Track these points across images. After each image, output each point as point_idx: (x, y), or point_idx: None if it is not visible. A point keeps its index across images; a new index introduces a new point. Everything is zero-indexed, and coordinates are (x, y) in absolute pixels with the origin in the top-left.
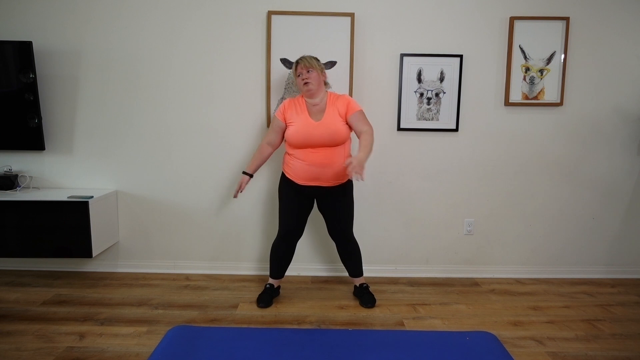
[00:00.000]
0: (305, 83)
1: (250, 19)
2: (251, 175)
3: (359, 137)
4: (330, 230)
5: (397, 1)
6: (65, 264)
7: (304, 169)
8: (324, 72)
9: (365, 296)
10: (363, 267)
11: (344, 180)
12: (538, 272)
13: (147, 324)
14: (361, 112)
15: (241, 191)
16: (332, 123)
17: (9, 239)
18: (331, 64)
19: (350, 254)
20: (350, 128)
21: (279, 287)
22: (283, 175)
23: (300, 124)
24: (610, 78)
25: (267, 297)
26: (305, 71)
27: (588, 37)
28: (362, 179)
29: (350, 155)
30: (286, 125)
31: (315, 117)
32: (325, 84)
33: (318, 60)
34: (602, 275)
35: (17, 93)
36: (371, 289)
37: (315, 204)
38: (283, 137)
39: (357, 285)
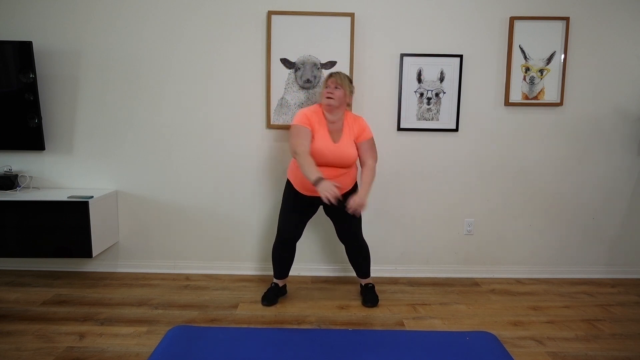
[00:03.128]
0: (328, 97)
1: (250, 19)
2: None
3: (362, 166)
4: (340, 233)
5: (397, 1)
6: (65, 264)
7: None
8: (351, 95)
9: (368, 295)
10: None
11: (348, 190)
12: (538, 272)
13: (147, 324)
14: (372, 140)
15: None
16: (347, 147)
17: (9, 239)
18: (331, 64)
19: (360, 256)
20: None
21: (284, 286)
22: (288, 182)
23: (320, 143)
24: (610, 78)
25: (272, 295)
26: (334, 86)
27: (588, 37)
28: (358, 215)
29: (356, 170)
30: (312, 131)
31: (333, 136)
32: (348, 105)
33: (351, 81)
34: (602, 275)
35: (17, 93)
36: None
37: (322, 208)
38: None
39: (363, 284)
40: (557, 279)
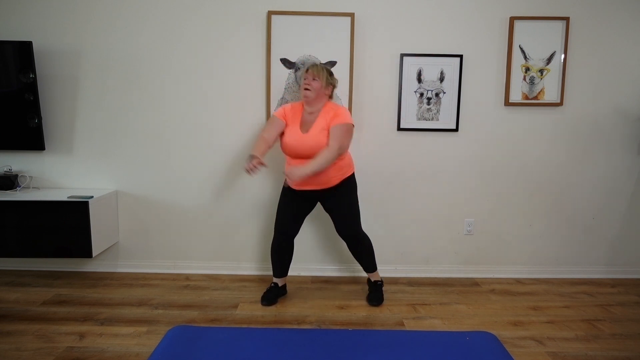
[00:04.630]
0: (306, 89)
1: (250, 19)
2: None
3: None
4: (337, 229)
5: (397, 1)
6: (65, 264)
7: None
8: (330, 87)
9: (372, 293)
10: None
11: (335, 184)
12: (538, 272)
13: (147, 324)
14: (343, 126)
15: (252, 170)
16: (315, 136)
17: (9, 239)
18: (331, 64)
19: (361, 251)
20: None
21: (284, 285)
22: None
23: (289, 135)
24: (610, 78)
25: (272, 295)
26: (311, 78)
27: (588, 37)
28: (286, 185)
29: (344, 163)
30: (285, 125)
31: (304, 127)
32: (331, 97)
33: (331, 74)
34: (602, 275)
35: (17, 93)
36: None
37: (320, 205)
38: (278, 136)
39: (372, 280)
40: (557, 279)
